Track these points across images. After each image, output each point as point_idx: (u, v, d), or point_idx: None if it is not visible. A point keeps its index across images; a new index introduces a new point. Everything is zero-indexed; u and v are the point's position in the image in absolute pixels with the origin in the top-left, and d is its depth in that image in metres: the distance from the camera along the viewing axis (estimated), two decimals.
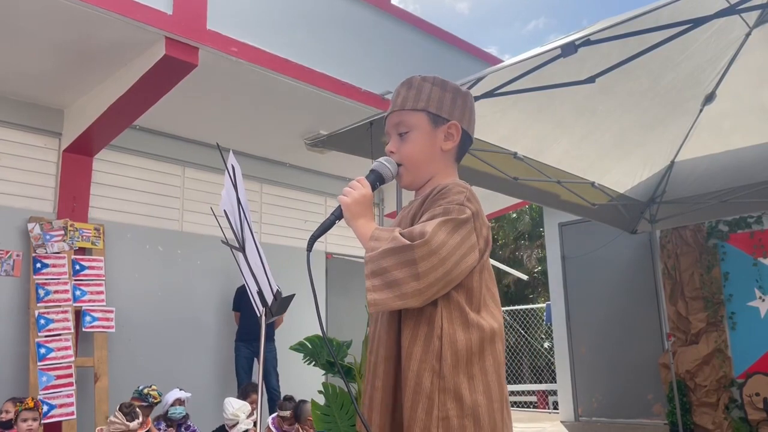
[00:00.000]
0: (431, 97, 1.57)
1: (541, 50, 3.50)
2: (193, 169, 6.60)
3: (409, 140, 1.57)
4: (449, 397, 1.35)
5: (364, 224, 1.49)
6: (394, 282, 1.36)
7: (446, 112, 1.57)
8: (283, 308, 2.33)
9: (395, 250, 1.36)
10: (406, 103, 1.59)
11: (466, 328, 1.39)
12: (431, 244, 1.34)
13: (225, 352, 6.39)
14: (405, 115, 1.58)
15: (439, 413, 1.35)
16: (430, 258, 1.34)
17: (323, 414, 4.64)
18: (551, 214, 8.71)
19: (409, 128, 1.57)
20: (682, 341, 7.21)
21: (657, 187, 6.32)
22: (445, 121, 1.57)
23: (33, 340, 5.05)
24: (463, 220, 1.40)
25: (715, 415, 6.83)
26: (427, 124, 1.57)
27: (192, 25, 4.63)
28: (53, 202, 5.60)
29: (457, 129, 1.57)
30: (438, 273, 1.34)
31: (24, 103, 5.54)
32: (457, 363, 1.37)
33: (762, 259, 6.95)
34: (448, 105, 1.58)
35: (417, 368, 1.38)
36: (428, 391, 1.36)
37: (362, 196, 1.52)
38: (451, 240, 1.37)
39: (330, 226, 1.51)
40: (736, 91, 4.93)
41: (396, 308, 1.39)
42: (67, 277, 5.35)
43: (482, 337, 1.40)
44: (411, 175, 1.59)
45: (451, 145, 1.58)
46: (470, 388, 1.37)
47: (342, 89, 5.67)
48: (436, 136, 1.57)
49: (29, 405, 4.12)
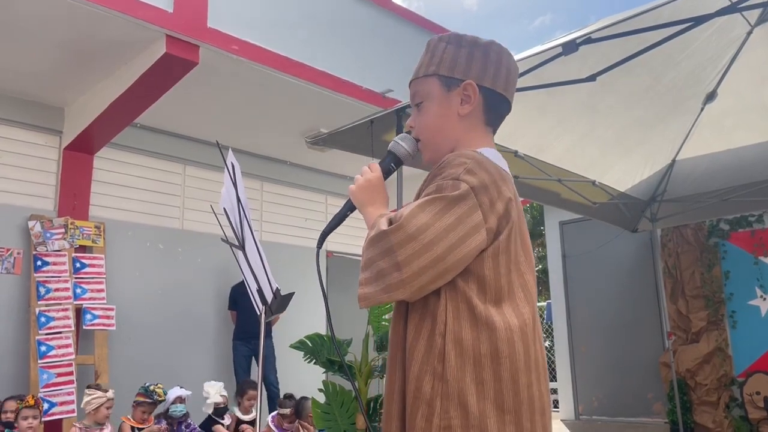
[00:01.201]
0: (444, 58, 1.40)
1: (543, 48, 3.49)
2: (194, 167, 6.60)
3: (424, 111, 1.43)
4: (452, 404, 1.19)
5: (372, 212, 1.36)
6: (379, 273, 1.23)
7: (460, 71, 1.38)
8: (282, 306, 2.33)
9: (375, 238, 1.24)
10: (419, 70, 1.45)
11: (474, 324, 1.21)
12: (407, 228, 1.19)
13: (225, 351, 6.39)
14: (419, 84, 1.44)
15: (440, 422, 1.19)
16: (410, 244, 1.18)
17: (323, 412, 4.65)
18: (552, 212, 8.70)
19: (422, 98, 1.43)
20: (682, 340, 7.21)
21: (658, 186, 6.31)
22: (460, 82, 1.38)
23: (33, 338, 5.06)
24: (456, 197, 1.22)
25: (716, 413, 6.83)
26: (440, 89, 1.40)
27: (193, 23, 4.63)
28: (54, 199, 5.61)
29: (473, 88, 1.38)
30: (423, 261, 1.18)
31: (25, 100, 5.54)
32: (463, 365, 1.20)
33: (763, 258, 6.94)
34: (464, 63, 1.39)
35: (417, 370, 1.23)
36: (428, 396, 1.21)
37: (366, 181, 1.40)
38: (439, 222, 1.19)
39: (341, 218, 1.42)
40: (738, 89, 4.92)
41: (384, 302, 1.25)
42: (68, 275, 5.35)
43: (495, 336, 1.21)
44: (430, 149, 1.44)
45: (468, 108, 1.39)
46: (478, 395, 1.19)
47: (343, 87, 5.67)
48: (451, 101, 1.39)
49: (30, 403, 4.12)
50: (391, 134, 4.14)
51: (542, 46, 3.52)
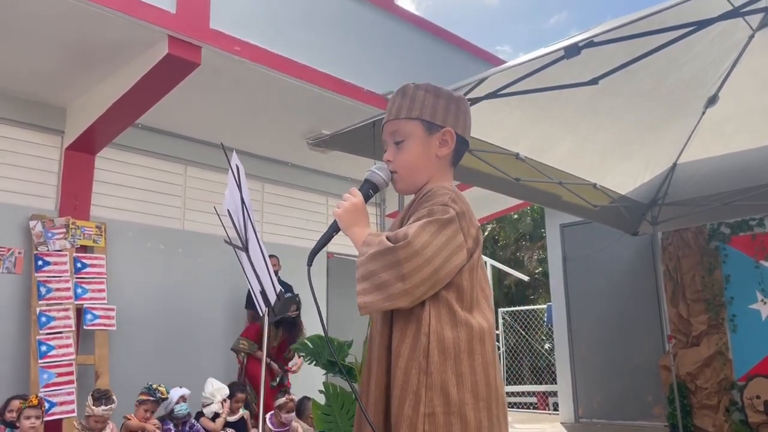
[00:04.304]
0: (425, 104, 1.60)
1: (545, 51, 3.49)
2: (196, 168, 6.61)
3: (405, 149, 1.61)
4: (436, 393, 1.37)
5: (358, 232, 1.53)
6: (381, 284, 1.40)
7: (440, 118, 1.60)
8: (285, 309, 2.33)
9: (380, 253, 1.40)
10: (400, 112, 1.62)
11: (454, 325, 1.41)
12: (414, 245, 1.37)
13: (227, 352, 6.39)
14: (400, 124, 1.62)
15: (425, 409, 1.36)
16: (414, 259, 1.37)
17: (324, 414, 4.64)
18: (552, 215, 8.71)
19: (404, 137, 1.61)
20: (683, 343, 7.21)
21: (659, 189, 6.32)
22: (440, 128, 1.60)
23: (34, 338, 5.06)
24: (447, 220, 1.43)
25: (716, 417, 6.83)
26: (422, 132, 1.60)
27: (195, 24, 4.63)
28: (55, 199, 5.61)
29: (451, 135, 1.61)
30: (424, 273, 1.38)
31: (27, 100, 5.55)
32: (445, 360, 1.39)
33: (764, 262, 6.94)
34: (442, 112, 1.61)
35: (405, 365, 1.41)
36: (415, 387, 1.38)
37: (352, 205, 1.56)
38: (436, 240, 1.40)
39: (328, 239, 1.57)
40: (739, 93, 4.92)
41: (385, 309, 1.43)
42: (69, 275, 5.35)
43: (471, 336, 1.42)
44: (405, 182, 1.64)
45: (446, 151, 1.61)
46: (458, 386, 1.38)
47: (345, 89, 5.67)
48: (431, 143, 1.60)
49: (33, 403, 4.11)
50: None
51: (545, 49, 3.53)
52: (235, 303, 6.60)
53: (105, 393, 4.54)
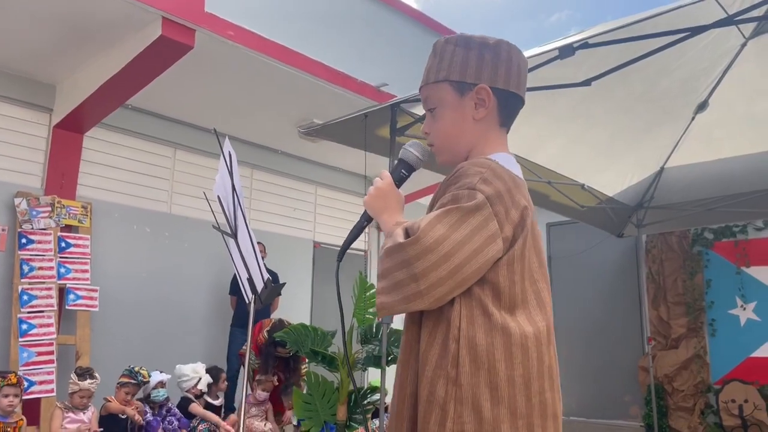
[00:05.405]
0: (453, 61, 1.38)
1: (539, 51, 3.50)
2: (184, 152, 6.57)
3: (438, 117, 1.42)
4: (466, 408, 1.19)
5: (387, 219, 1.36)
6: (398, 284, 1.22)
7: (472, 75, 1.37)
8: (272, 296, 2.33)
9: (393, 249, 1.24)
10: (429, 75, 1.43)
11: (489, 330, 1.21)
12: (423, 241, 1.18)
13: (211, 337, 6.38)
14: (430, 90, 1.43)
15: (453, 426, 1.18)
16: (426, 256, 1.18)
17: (305, 402, 4.66)
18: (539, 214, 8.67)
19: (435, 104, 1.42)
20: (662, 345, 7.30)
21: (645, 192, 6.37)
22: (473, 86, 1.37)
23: (15, 316, 5.02)
24: (472, 207, 1.22)
25: (691, 419, 6.93)
26: (452, 95, 1.39)
27: (190, 6, 4.59)
28: (41, 177, 5.56)
29: (487, 92, 1.37)
30: (441, 272, 1.18)
31: (16, 76, 5.48)
32: (477, 370, 1.20)
33: (745, 268, 7.03)
34: (474, 66, 1.37)
35: (431, 375, 1.23)
36: (442, 400, 1.20)
37: (377, 189, 1.39)
38: (456, 233, 1.20)
39: (360, 231, 1.43)
40: (729, 100, 4.97)
41: (402, 312, 1.26)
42: (53, 254, 5.31)
43: (509, 342, 1.21)
44: (444, 154, 1.45)
45: (483, 113, 1.39)
46: (492, 400, 1.19)
47: (338, 79, 5.66)
48: (465, 106, 1.39)
49: (12, 381, 4.09)
50: (385, 129, 4.14)
51: (539, 49, 3.53)
52: (219, 288, 6.59)
53: (87, 369, 4.55)
